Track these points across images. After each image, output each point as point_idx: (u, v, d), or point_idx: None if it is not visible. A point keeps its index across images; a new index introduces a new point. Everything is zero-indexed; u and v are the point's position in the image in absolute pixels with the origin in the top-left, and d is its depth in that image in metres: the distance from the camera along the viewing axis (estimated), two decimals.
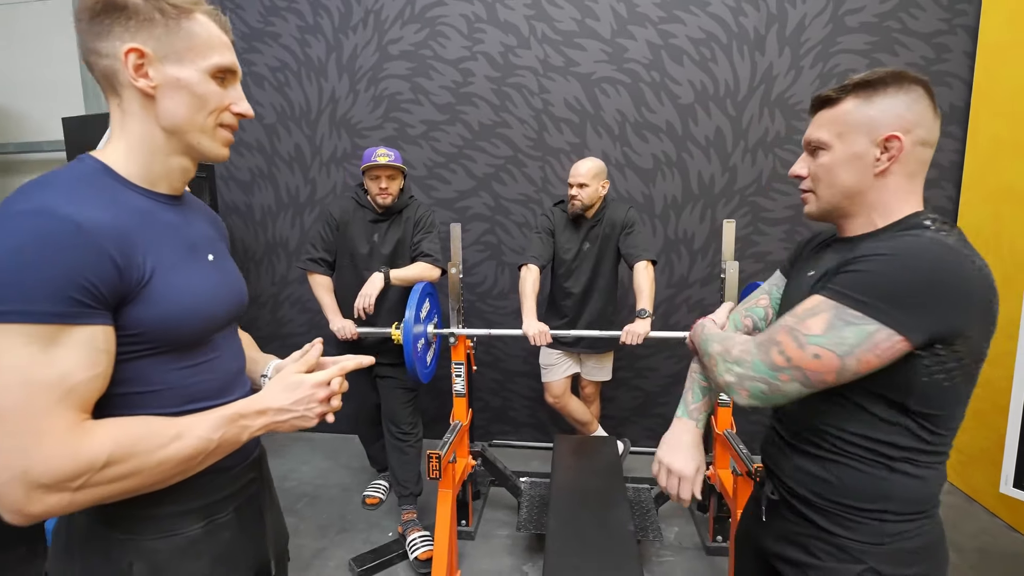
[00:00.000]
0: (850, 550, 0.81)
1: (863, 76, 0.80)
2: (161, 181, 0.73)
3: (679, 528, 2.31)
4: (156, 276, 0.66)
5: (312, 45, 3.00)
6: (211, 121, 0.72)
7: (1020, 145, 2.19)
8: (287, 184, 3.15)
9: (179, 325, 0.69)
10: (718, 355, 0.85)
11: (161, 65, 0.68)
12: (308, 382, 0.75)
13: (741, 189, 2.82)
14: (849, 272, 0.75)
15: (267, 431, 0.74)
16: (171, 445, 0.64)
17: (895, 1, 2.59)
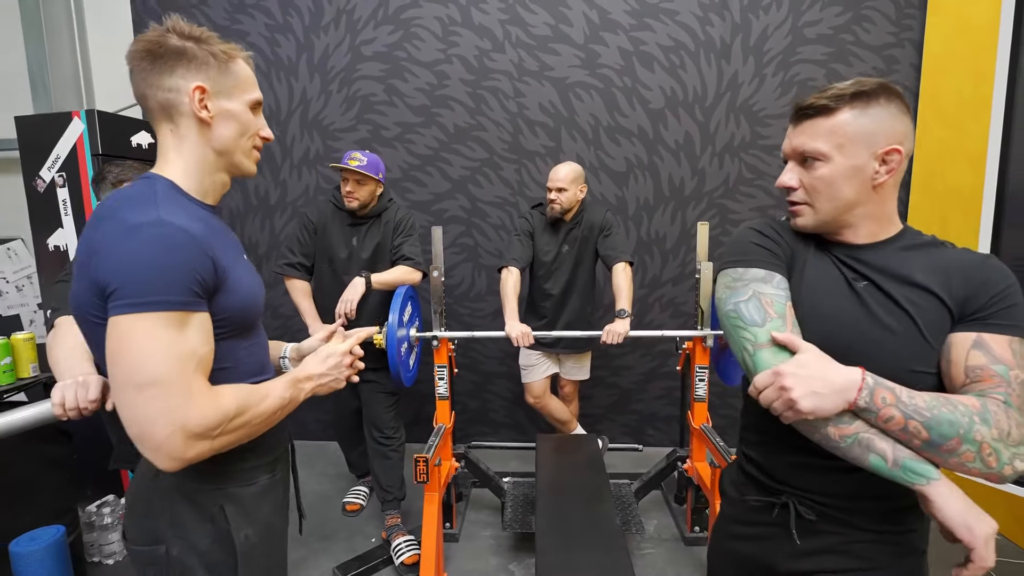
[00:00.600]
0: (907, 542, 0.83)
1: (855, 87, 0.78)
2: (209, 194, 0.87)
3: (658, 521, 2.38)
4: (229, 271, 0.80)
5: (282, 44, 2.94)
6: (249, 143, 0.88)
7: (962, 150, 2.36)
8: (256, 186, 3.07)
9: (247, 310, 0.85)
10: (995, 442, 0.70)
11: (216, 99, 0.83)
12: (338, 350, 0.96)
13: (709, 192, 2.93)
14: (1009, 307, 0.77)
15: (312, 393, 0.93)
16: (265, 401, 0.82)
17: (849, 15, 2.75)
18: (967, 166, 2.33)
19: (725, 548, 1.00)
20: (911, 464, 0.73)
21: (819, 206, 0.83)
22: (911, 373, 0.77)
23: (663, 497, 2.56)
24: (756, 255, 0.87)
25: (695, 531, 2.21)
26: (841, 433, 0.74)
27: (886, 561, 0.83)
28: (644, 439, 3.11)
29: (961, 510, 0.71)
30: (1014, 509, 2.16)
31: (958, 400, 0.73)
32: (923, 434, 0.71)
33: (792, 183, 0.84)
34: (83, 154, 2.31)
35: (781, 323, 0.80)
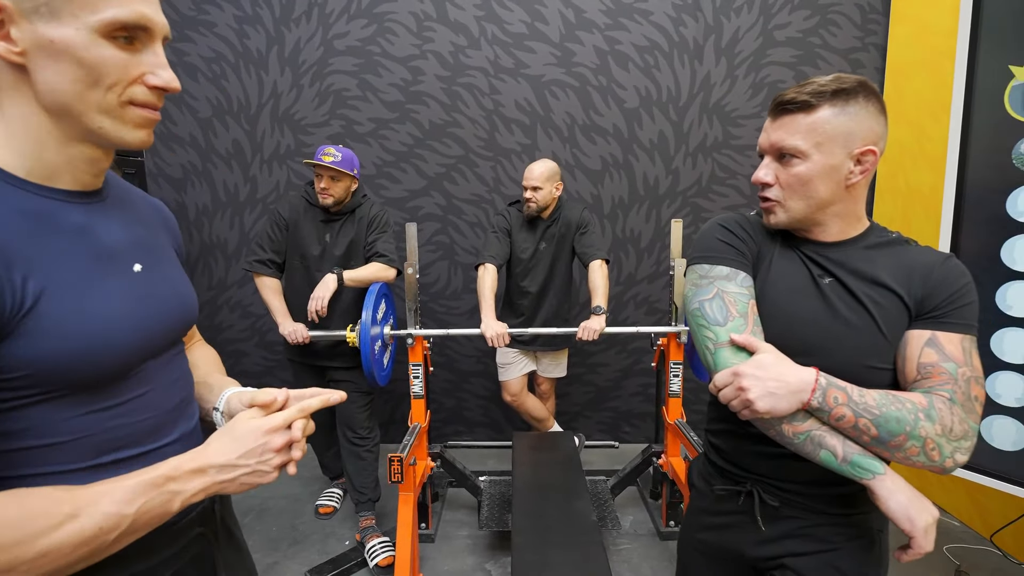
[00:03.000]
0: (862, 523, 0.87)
1: (835, 83, 0.77)
2: (61, 174, 0.56)
3: (634, 516, 2.39)
4: (44, 301, 0.51)
5: (251, 36, 2.86)
6: (113, 98, 0.54)
7: (923, 152, 2.45)
8: (225, 182, 2.98)
9: (81, 362, 0.53)
10: (938, 437, 0.73)
11: (28, 22, 0.49)
12: (260, 428, 0.61)
13: (683, 190, 2.97)
14: (963, 306, 0.79)
15: (209, 494, 0.59)
16: (61, 529, 0.48)
17: (816, 19, 2.82)
18: (928, 167, 2.41)
19: (694, 539, 1.01)
20: (859, 460, 0.76)
21: (792, 204, 0.82)
22: (867, 369, 0.80)
23: (639, 493, 2.58)
24: (722, 252, 0.87)
25: (670, 525, 2.23)
26: (794, 430, 0.77)
27: (843, 542, 0.87)
28: (620, 436, 3.13)
29: (903, 502, 0.74)
30: (973, 496, 2.24)
31: (906, 397, 0.75)
32: (872, 431, 0.74)
33: (768, 179, 0.82)
34: None
35: (742, 322, 0.81)
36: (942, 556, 2.08)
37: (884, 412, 0.73)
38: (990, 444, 1.50)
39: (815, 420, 0.77)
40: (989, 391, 1.49)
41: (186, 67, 2.86)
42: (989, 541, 2.08)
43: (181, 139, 2.93)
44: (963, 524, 2.31)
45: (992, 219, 1.48)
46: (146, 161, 2.81)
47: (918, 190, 2.44)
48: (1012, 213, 1.45)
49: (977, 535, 2.21)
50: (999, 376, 1.48)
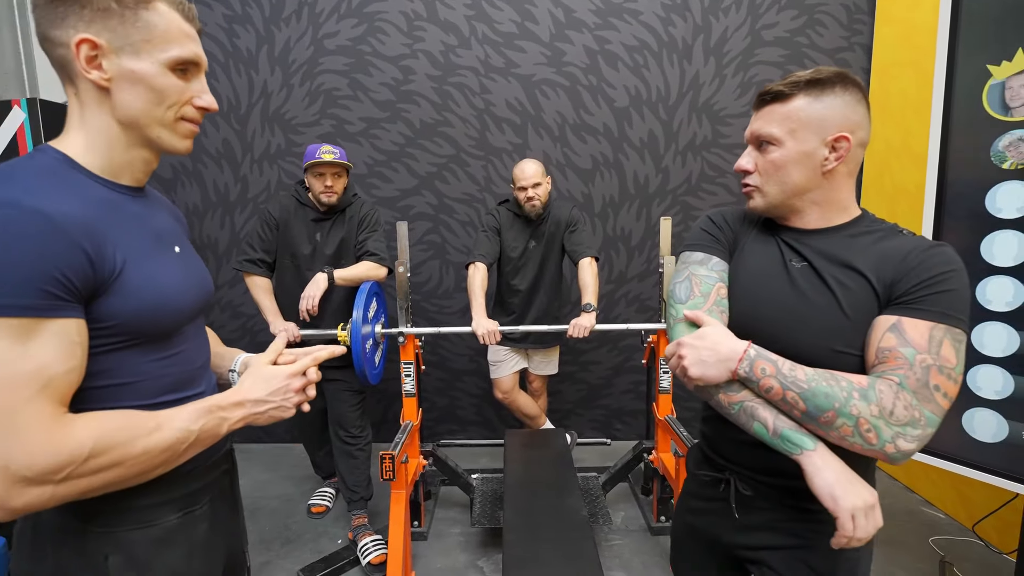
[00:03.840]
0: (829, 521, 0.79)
1: (812, 74, 0.80)
2: (123, 173, 0.71)
3: (625, 512, 2.41)
4: (127, 268, 0.66)
5: (241, 36, 2.85)
6: (171, 115, 0.70)
7: (908, 150, 2.48)
8: (215, 182, 2.97)
9: (152, 317, 0.69)
10: (874, 418, 0.71)
11: (116, 57, 0.66)
12: (283, 373, 0.77)
13: (673, 189, 2.99)
14: (940, 293, 0.75)
15: (245, 423, 0.75)
16: (152, 436, 0.64)
17: (804, 19, 2.85)
18: (912, 164, 2.45)
19: (684, 522, 1.05)
20: (789, 434, 0.77)
21: (769, 188, 0.85)
22: (834, 353, 0.79)
23: (630, 489, 2.60)
24: (701, 240, 0.94)
25: (661, 521, 2.25)
26: (729, 400, 0.80)
27: (816, 539, 0.85)
28: (612, 433, 3.15)
29: (829, 480, 0.74)
30: (958, 488, 2.28)
31: (843, 376, 0.75)
32: (800, 405, 0.75)
33: (748, 166, 0.86)
34: (24, 145, 2.19)
35: (702, 301, 0.87)
36: (927, 547, 2.11)
37: (812, 387, 0.74)
38: (972, 436, 1.52)
39: (749, 392, 0.79)
40: (970, 384, 1.52)
41: None
42: (972, 532, 2.11)
43: None
44: (948, 516, 2.34)
45: (972, 215, 1.51)
46: None
47: (903, 187, 2.47)
48: (991, 209, 1.47)
49: (962, 527, 2.25)
50: (980, 369, 1.51)
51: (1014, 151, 1.43)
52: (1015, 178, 1.44)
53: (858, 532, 0.73)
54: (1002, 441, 1.48)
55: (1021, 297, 1.44)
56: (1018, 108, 1.42)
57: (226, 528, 0.86)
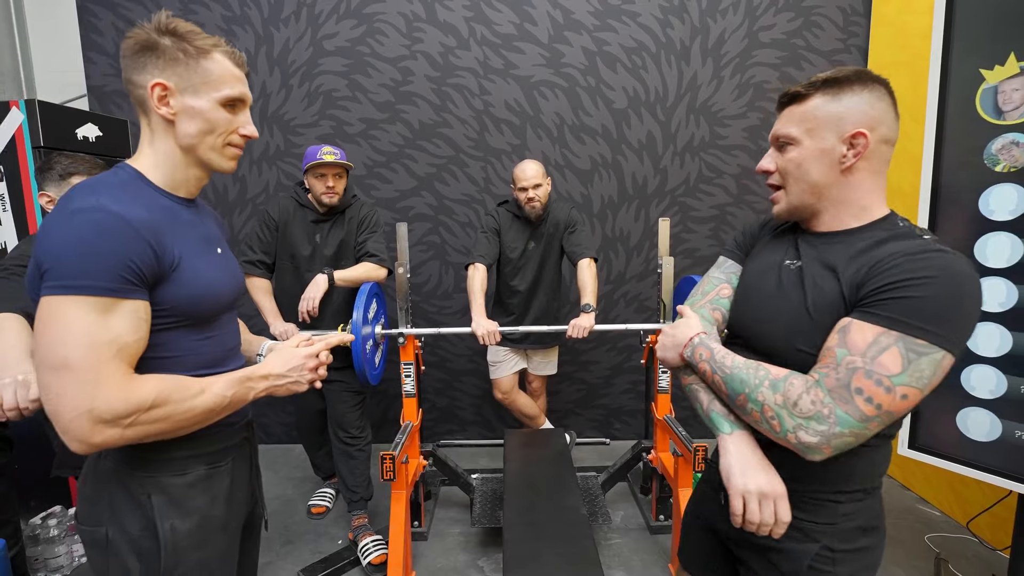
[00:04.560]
0: (808, 531, 0.83)
1: (830, 74, 0.81)
2: (181, 187, 0.88)
3: (624, 511, 2.43)
4: (183, 262, 0.81)
5: (239, 37, 2.86)
6: (220, 141, 0.87)
7: (904, 152, 2.49)
8: (213, 182, 2.97)
9: (200, 303, 0.85)
10: (778, 406, 0.75)
11: (181, 96, 0.83)
12: (301, 353, 0.95)
13: (672, 190, 3.01)
14: (900, 298, 0.71)
15: (267, 393, 0.91)
16: (198, 397, 0.80)
17: (800, 21, 2.87)
18: (909, 167, 2.47)
19: (692, 509, 1.09)
20: (715, 416, 0.85)
21: (789, 188, 0.86)
22: (797, 352, 0.80)
23: (629, 488, 2.61)
24: (728, 246, 1.04)
25: (660, 520, 2.26)
26: (684, 381, 0.92)
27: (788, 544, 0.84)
28: (611, 433, 3.17)
29: (730, 463, 0.81)
30: (953, 486, 2.31)
31: (765, 367, 0.80)
32: (723, 388, 0.83)
33: (768, 166, 0.88)
34: (23, 146, 2.19)
35: (700, 298, 0.98)
36: (923, 544, 2.14)
37: (733, 373, 0.81)
38: (966, 435, 1.54)
39: (697, 376, 0.89)
40: (964, 384, 1.54)
41: None
42: (967, 529, 2.14)
43: None
44: (943, 513, 2.37)
45: (966, 217, 1.53)
46: None
47: (899, 189, 2.50)
48: (984, 211, 1.49)
49: (957, 524, 2.27)
50: (974, 369, 1.53)
51: (1007, 154, 1.45)
52: (1008, 181, 1.46)
53: (748, 515, 0.79)
54: (996, 440, 1.50)
55: (1014, 298, 1.46)
56: (1011, 112, 1.44)
57: (246, 486, 1.01)
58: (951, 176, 1.57)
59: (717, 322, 0.95)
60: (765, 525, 0.79)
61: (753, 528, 0.79)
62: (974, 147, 1.51)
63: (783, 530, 0.79)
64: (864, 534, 0.83)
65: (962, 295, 0.70)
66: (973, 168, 1.51)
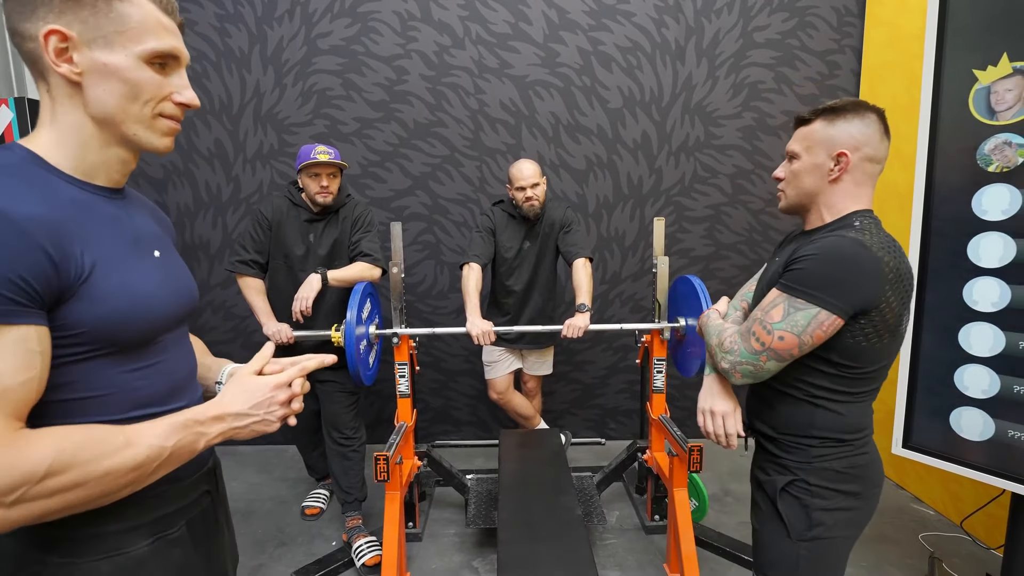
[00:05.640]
0: (788, 466, 1.07)
1: (831, 103, 1.03)
2: (98, 172, 0.68)
3: (620, 511, 2.43)
4: (97, 271, 0.62)
5: (233, 35, 2.84)
6: (147, 111, 0.67)
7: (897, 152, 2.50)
8: (207, 182, 2.95)
9: (124, 324, 0.64)
10: (716, 346, 1.09)
11: (88, 50, 0.62)
12: (268, 384, 0.72)
13: (667, 190, 3.01)
14: (792, 270, 0.99)
15: (226, 438, 0.70)
16: (119, 453, 0.59)
17: (795, 21, 2.88)
18: (901, 166, 2.48)
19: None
20: (706, 364, 1.19)
21: (788, 191, 1.10)
22: None
23: (625, 488, 2.61)
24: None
25: (655, 520, 2.26)
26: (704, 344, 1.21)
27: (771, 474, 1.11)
28: (606, 433, 3.17)
29: (702, 393, 1.17)
30: (947, 485, 2.32)
31: (723, 324, 1.13)
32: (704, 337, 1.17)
33: (780, 174, 1.12)
34: None
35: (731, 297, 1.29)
36: (917, 544, 2.14)
37: (708, 328, 1.16)
38: (960, 435, 1.55)
39: None
40: (957, 384, 1.55)
41: None
42: (961, 528, 2.14)
43: None
44: (937, 512, 2.38)
45: (959, 217, 1.53)
46: None
47: (893, 188, 2.50)
48: (977, 211, 1.50)
49: (950, 523, 2.28)
50: (967, 369, 1.53)
51: (999, 154, 1.45)
52: (1001, 181, 1.46)
53: (705, 426, 1.15)
54: (989, 439, 1.50)
55: (1007, 298, 1.46)
56: (1003, 112, 1.44)
57: (207, 551, 0.80)
58: (944, 176, 1.58)
59: (744, 310, 1.23)
60: (718, 435, 1.13)
61: (711, 437, 1.14)
62: (967, 147, 1.51)
63: (733, 441, 1.12)
64: (842, 478, 1.03)
65: (836, 265, 0.94)
66: (966, 168, 1.52)
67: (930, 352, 1.61)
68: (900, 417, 1.67)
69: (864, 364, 0.99)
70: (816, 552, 1.04)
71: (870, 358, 0.99)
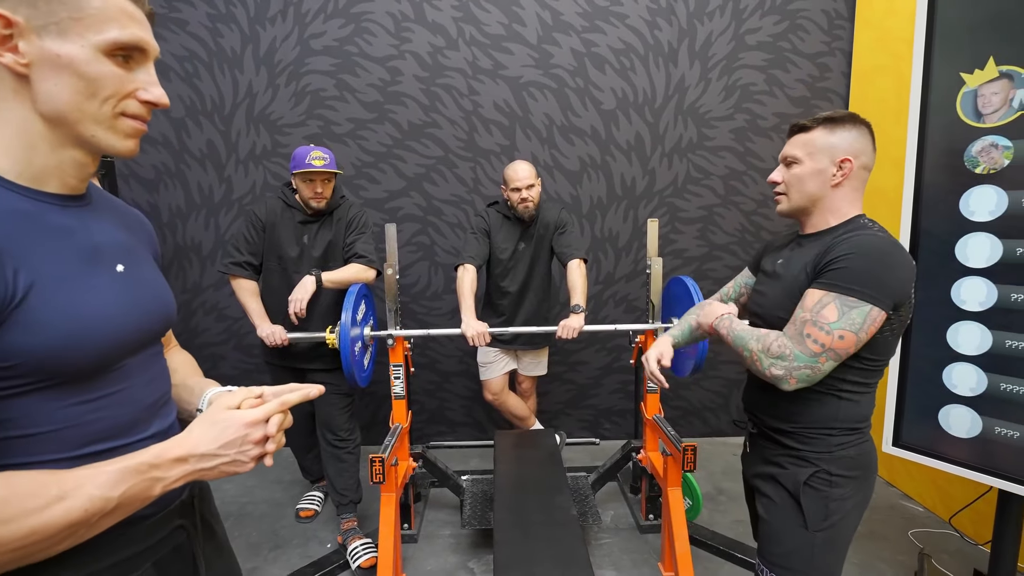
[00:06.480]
0: (808, 458, 1.10)
1: (829, 113, 1.08)
2: (49, 178, 0.60)
3: (614, 511, 2.44)
4: (34, 294, 0.54)
5: (225, 35, 2.82)
6: (107, 109, 0.59)
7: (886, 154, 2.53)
8: (199, 183, 2.93)
9: (68, 352, 0.56)
10: (760, 352, 1.04)
11: (37, 38, 0.54)
12: (240, 421, 0.62)
13: (660, 191, 3.03)
14: (835, 269, 0.99)
15: (188, 480, 0.61)
16: (48, 509, 0.50)
17: (786, 24, 2.90)
18: (891, 168, 2.51)
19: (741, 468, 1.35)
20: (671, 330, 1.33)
21: (791, 195, 1.13)
22: (779, 319, 1.09)
23: (619, 488, 2.62)
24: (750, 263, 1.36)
25: (650, 519, 2.28)
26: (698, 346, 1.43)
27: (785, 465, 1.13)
28: (601, 433, 3.18)
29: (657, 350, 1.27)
30: (936, 482, 2.35)
31: (756, 330, 1.09)
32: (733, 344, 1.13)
33: (777, 179, 1.15)
34: None
35: (721, 295, 1.38)
36: (907, 540, 2.17)
37: (739, 333, 1.11)
38: (948, 432, 1.57)
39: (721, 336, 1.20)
40: (945, 382, 1.57)
41: (158, 66, 2.78)
42: (949, 524, 2.17)
43: (153, 139, 2.87)
44: (926, 509, 2.41)
45: (947, 218, 1.56)
46: (117, 162, 2.75)
47: (882, 189, 2.53)
48: (965, 212, 1.52)
49: (939, 520, 2.31)
50: (955, 367, 1.55)
51: (986, 156, 1.48)
52: (988, 182, 1.49)
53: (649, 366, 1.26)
54: (976, 436, 1.53)
55: (993, 297, 1.49)
56: (990, 115, 1.47)
57: None
58: (933, 177, 1.60)
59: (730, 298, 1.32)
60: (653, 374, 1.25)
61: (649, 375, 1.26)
62: (955, 149, 1.54)
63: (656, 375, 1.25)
64: (857, 464, 1.08)
65: (878, 262, 0.97)
66: (954, 170, 1.54)
67: (919, 351, 1.63)
68: (890, 416, 1.69)
69: (884, 355, 1.06)
70: (830, 539, 1.08)
71: (890, 349, 1.06)
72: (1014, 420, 1.45)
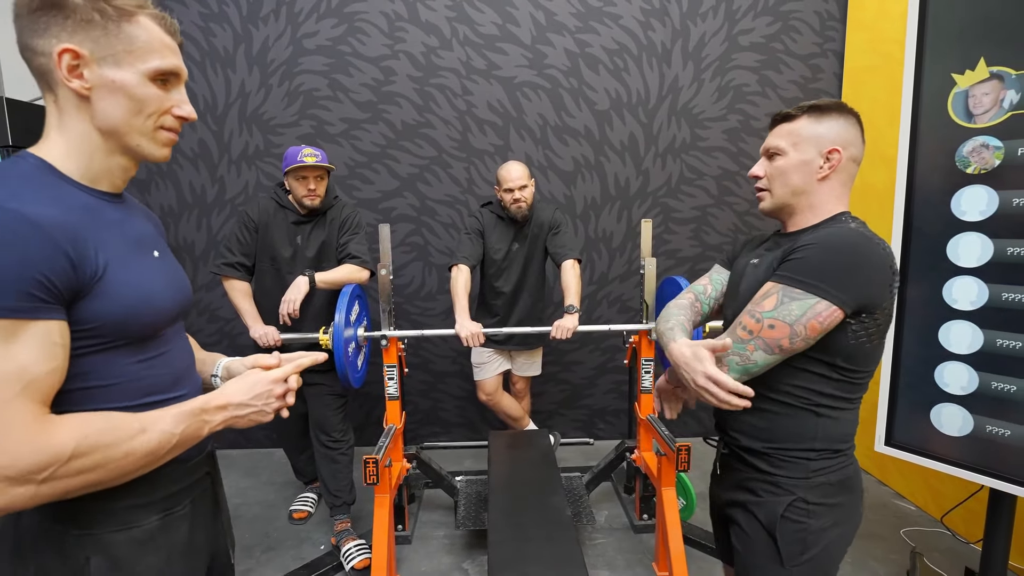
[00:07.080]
0: (783, 485, 0.99)
1: (815, 102, 0.99)
2: (102, 179, 0.73)
3: (608, 511, 2.44)
4: (109, 271, 0.67)
5: (217, 35, 2.80)
6: (150, 124, 0.73)
7: (879, 154, 2.56)
8: (191, 183, 2.91)
9: (134, 318, 0.70)
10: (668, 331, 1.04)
11: (98, 67, 0.68)
12: (267, 378, 0.80)
13: (653, 191, 3.03)
14: (790, 260, 0.93)
15: (226, 425, 0.77)
16: (136, 438, 0.66)
17: (779, 25, 2.92)
18: (883, 167, 2.53)
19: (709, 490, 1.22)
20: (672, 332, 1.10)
21: (774, 190, 1.03)
22: None
23: (613, 488, 2.62)
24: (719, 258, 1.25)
25: (644, 519, 2.28)
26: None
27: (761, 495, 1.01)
28: (595, 433, 3.18)
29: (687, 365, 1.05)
30: (928, 481, 2.36)
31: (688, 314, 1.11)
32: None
33: (759, 172, 1.05)
34: None
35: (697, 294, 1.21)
36: (899, 539, 2.18)
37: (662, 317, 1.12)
38: (940, 431, 1.58)
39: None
40: (937, 380, 1.58)
41: None
42: (941, 523, 2.19)
43: None
44: (918, 508, 2.42)
45: (939, 218, 1.57)
46: None
47: (873, 189, 2.55)
48: (956, 212, 1.53)
49: (931, 518, 2.33)
50: (946, 366, 1.56)
51: (977, 156, 1.49)
52: (978, 182, 1.50)
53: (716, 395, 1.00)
54: (968, 435, 1.54)
55: (984, 296, 1.50)
56: (981, 115, 1.48)
57: (208, 530, 0.87)
58: (924, 177, 1.61)
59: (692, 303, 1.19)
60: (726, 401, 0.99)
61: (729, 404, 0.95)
62: (946, 149, 1.54)
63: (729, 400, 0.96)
64: (838, 491, 0.98)
65: (840, 256, 0.89)
66: (945, 170, 1.55)
67: (911, 350, 1.64)
68: (883, 415, 1.70)
69: (865, 366, 0.95)
70: (809, 574, 0.98)
71: (871, 359, 0.96)
72: (1005, 419, 1.46)
